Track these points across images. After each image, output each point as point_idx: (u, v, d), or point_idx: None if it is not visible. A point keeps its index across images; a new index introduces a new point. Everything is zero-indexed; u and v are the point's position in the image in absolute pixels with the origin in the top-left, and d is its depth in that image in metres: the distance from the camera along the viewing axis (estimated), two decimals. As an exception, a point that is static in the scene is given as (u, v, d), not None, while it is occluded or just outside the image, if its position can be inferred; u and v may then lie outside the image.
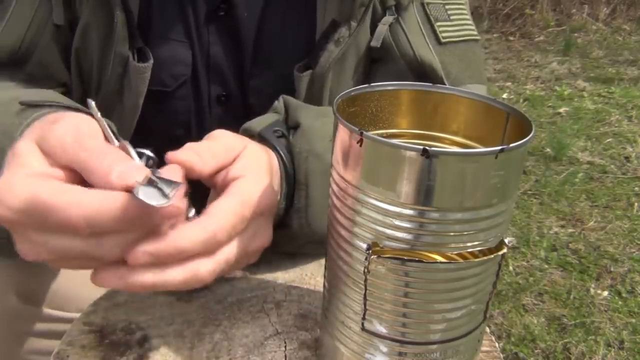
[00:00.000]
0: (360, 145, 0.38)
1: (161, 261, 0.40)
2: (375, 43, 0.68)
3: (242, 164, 0.48)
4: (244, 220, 0.45)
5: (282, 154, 0.54)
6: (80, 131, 0.42)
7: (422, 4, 0.69)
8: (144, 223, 0.39)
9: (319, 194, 0.52)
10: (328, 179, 0.46)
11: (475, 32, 0.73)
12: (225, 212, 0.43)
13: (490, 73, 3.85)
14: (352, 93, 0.46)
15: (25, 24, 0.64)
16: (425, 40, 0.68)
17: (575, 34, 4.61)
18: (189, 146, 0.46)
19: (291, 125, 0.58)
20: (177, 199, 0.38)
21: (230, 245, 0.44)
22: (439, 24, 0.69)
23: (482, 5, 4.79)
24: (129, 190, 0.38)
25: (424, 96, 0.48)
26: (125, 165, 0.40)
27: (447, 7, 0.70)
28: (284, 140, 0.55)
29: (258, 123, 0.57)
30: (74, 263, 0.41)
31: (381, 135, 0.48)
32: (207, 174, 0.46)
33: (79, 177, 0.41)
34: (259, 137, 0.55)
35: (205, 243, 0.42)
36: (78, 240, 0.38)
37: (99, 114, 0.44)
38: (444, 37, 0.69)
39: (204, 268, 0.42)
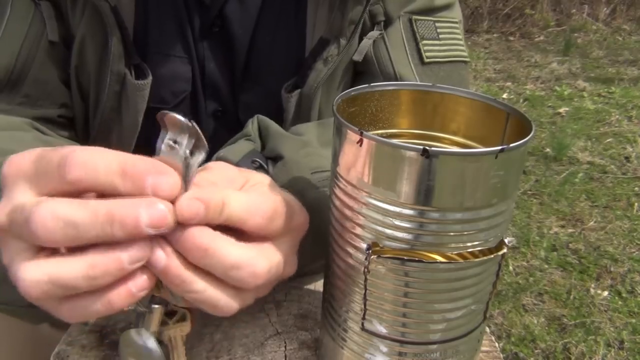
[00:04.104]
0: (360, 145, 0.38)
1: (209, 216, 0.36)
2: (358, 57, 0.67)
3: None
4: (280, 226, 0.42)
5: None
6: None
7: (410, 20, 0.67)
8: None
9: None
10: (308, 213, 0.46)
11: (465, 54, 0.71)
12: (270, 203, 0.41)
13: (490, 73, 3.85)
14: (352, 93, 0.46)
15: (19, 40, 0.63)
16: (408, 59, 0.66)
17: (575, 34, 4.61)
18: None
19: (269, 156, 0.55)
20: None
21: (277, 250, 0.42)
22: (425, 42, 0.67)
23: (482, 5, 4.80)
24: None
25: (424, 96, 0.48)
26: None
27: (437, 24, 0.69)
28: (263, 171, 0.53)
29: (233, 153, 0.54)
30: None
31: (381, 135, 0.48)
32: None
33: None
34: None
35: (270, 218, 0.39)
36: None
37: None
38: (428, 57, 0.67)
39: (261, 264, 0.39)
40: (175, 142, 0.37)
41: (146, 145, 0.69)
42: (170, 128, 0.37)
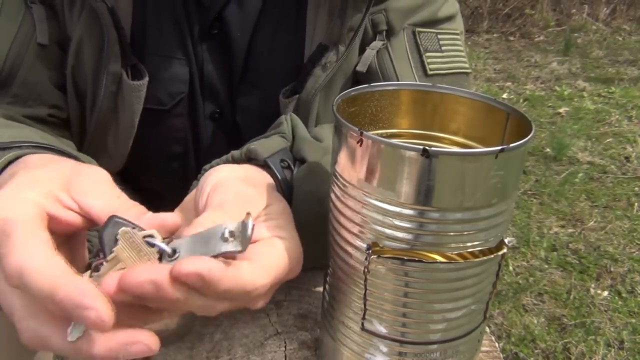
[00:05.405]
0: (360, 145, 0.38)
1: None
2: (362, 68, 0.67)
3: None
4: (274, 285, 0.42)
5: (283, 187, 0.51)
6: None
7: (414, 32, 0.68)
8: None
9: (308, 237, 0.48)
10: (322, 221, 0.46)
11: (467, 65, 0.72)
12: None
13: (490, 73, 3.85)
14: (352, 93, 0.46)
15: (8, 41, 0.63)
16: (412, 70, 0.67)
17: (575, 34, 4.61)
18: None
19: (296, 157, 0.55)
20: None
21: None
22: (428, 54, 0.68)
23: (482, 5, 4.79)
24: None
25: (424, 96, 0.48)
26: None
27: (439, 36, 0.69)
28: (289, 172, 0.53)
29: (265, 148, 0.53)
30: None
31: (381, 135, 0.48)
32: None
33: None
34: (264, 163, 0.52)
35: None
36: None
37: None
38: (431, 69, 0.68)
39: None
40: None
41: (142, 145, 0.69)
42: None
